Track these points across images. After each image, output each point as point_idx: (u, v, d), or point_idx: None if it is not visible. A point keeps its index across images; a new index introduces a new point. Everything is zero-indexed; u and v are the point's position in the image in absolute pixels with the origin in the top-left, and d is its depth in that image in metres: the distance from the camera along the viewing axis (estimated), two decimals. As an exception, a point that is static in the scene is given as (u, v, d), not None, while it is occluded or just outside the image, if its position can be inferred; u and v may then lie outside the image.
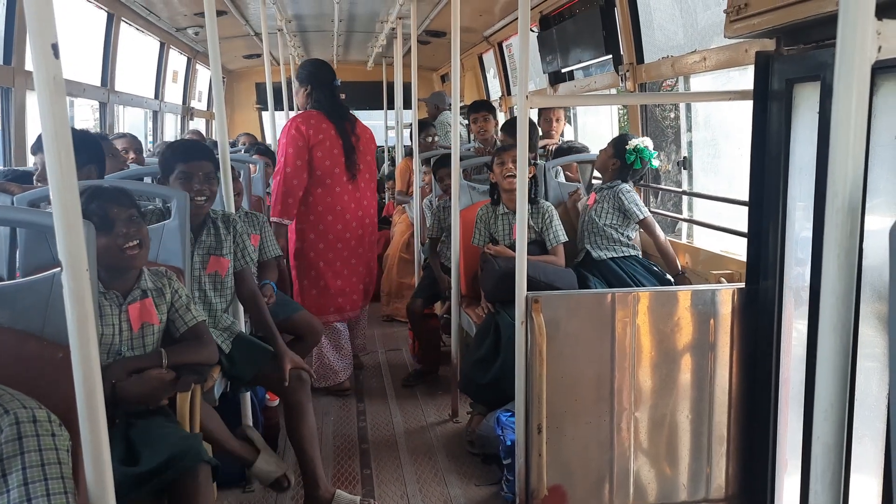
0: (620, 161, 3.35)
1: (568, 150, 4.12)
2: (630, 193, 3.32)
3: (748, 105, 2.36)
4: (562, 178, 4.14)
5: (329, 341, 3.80)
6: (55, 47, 1.08)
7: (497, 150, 3.41)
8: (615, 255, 3.30)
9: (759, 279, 2.36)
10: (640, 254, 3.36)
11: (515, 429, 2.48)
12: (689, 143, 3.59)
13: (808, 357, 2.08)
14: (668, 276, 3.22)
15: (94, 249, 1.42)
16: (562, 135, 4.63)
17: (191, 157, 2.48)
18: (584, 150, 4.13)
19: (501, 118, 6.22)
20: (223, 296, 2.59)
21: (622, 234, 3.33)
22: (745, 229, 2.48)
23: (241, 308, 2.74)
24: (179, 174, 2.46)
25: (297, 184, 3.62)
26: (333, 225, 3.76)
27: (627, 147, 3.32)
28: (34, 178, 2.65)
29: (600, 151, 3.51)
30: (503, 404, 2.86)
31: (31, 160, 3.47)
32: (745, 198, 2.44)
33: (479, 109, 4.70)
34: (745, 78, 3.02)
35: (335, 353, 3.83)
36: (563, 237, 3.29)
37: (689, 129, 3.60)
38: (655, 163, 3.40)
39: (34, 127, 3.48)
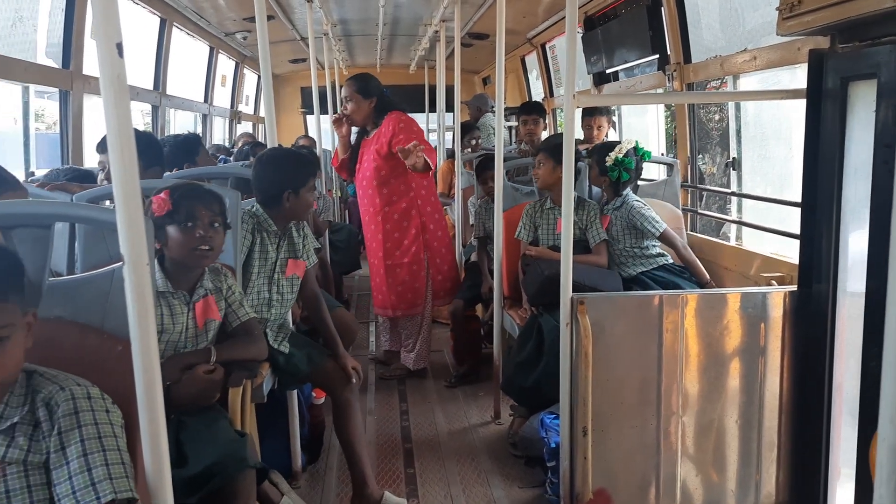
0: (608, 178, 3.20)
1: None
2: (641, 210, 3.15)
3: (798, 105, 2.31)
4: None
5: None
6: (119, 47, 1.11)
7: (537, 151, 3.45)
8: (645, 269, 3.20)
9: (811, 282, 2.31)
10: (669, 258, 3.25)
11: (560, 431, 2.46)
12: (739, 144, 3.52)
13: (864, 362, 2.03)
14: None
15: (153, 245, 1.47)
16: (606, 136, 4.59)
17: (317, 171, 2.67)
18: None
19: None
20: (294, 296, 2.64)
21: (644, 249, 3.21)
22: (795, 231, 2.43)
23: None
24: (311, 186, 2.59)
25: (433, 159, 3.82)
26: (442, 213, 4.10)
27: (607, 164, 3.16)
28: (101, 177, 2.72)
29: (589, 168, 3.38)
30: (545, 407, 2.85)
31: (87, 161, 3.59)
32: (796, 199, 2.39)
33: (531, 112, 4.65)
34: (794, 79, 2.97)
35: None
36: (605, 235, 3.26)
37: (739, 130, 3.53)
38: (647, 150, 3.26)
39: (91, 129, 3.60)
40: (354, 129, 4.00)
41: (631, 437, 2.42)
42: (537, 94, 7.42)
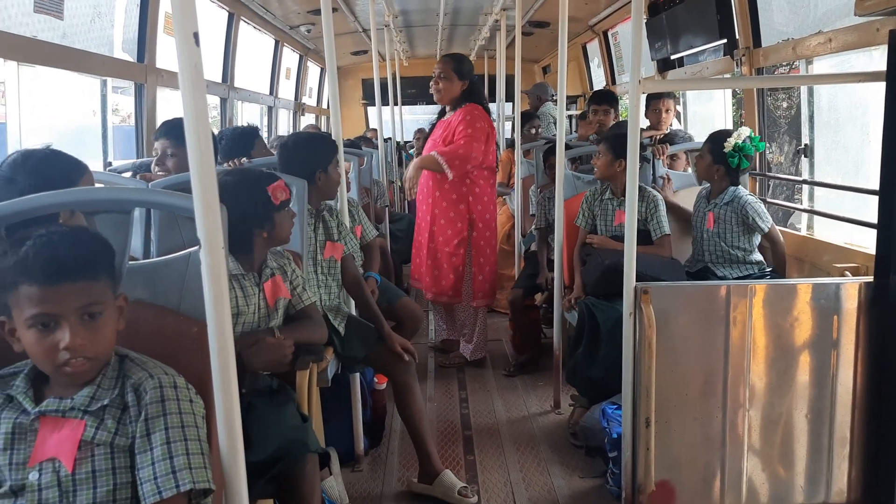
0: (724, 166, 3.04)
1: (666, 137, 3.98)
2: (755, 205, 3.01)
3: (874, 88, 2.22)
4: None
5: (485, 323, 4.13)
6: (196, 36, 1.15)
7: (598, 142, 3.41)
8: (740, 275, 3.04)
9: (889, 273, 2.22)
10: (766, 267, 3.09)
11: (622, 422, 2.44)
12: (811, 130, 3.40)
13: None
14: None
15: (227, 230, 1.52)
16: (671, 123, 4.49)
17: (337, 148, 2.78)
18: (687, 139, 4.00)
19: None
20: (337, 279, 2.70)
21: (746, 253, 3.05)
22: (871, 220, 2.33)
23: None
24: (336, 163, 2.71)
25: (458, 164, 3.79)
26: (494, 213, 4.08)
27: (726, 150, 3.00)
28: (153, 164, 2.79)
29: (696, 158, 3.23)
30: (606, 397, 2.82)
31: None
32: (871, 187, 2.30)
33: (601, 102, 4.46)
34: (870, 63, 2.85)
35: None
36: (668, 229, 3.19)
37: (812, 115, 3.40)
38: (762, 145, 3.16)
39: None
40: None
41: (695, 430, 2.38)
42: (598, 82, 7.32)
